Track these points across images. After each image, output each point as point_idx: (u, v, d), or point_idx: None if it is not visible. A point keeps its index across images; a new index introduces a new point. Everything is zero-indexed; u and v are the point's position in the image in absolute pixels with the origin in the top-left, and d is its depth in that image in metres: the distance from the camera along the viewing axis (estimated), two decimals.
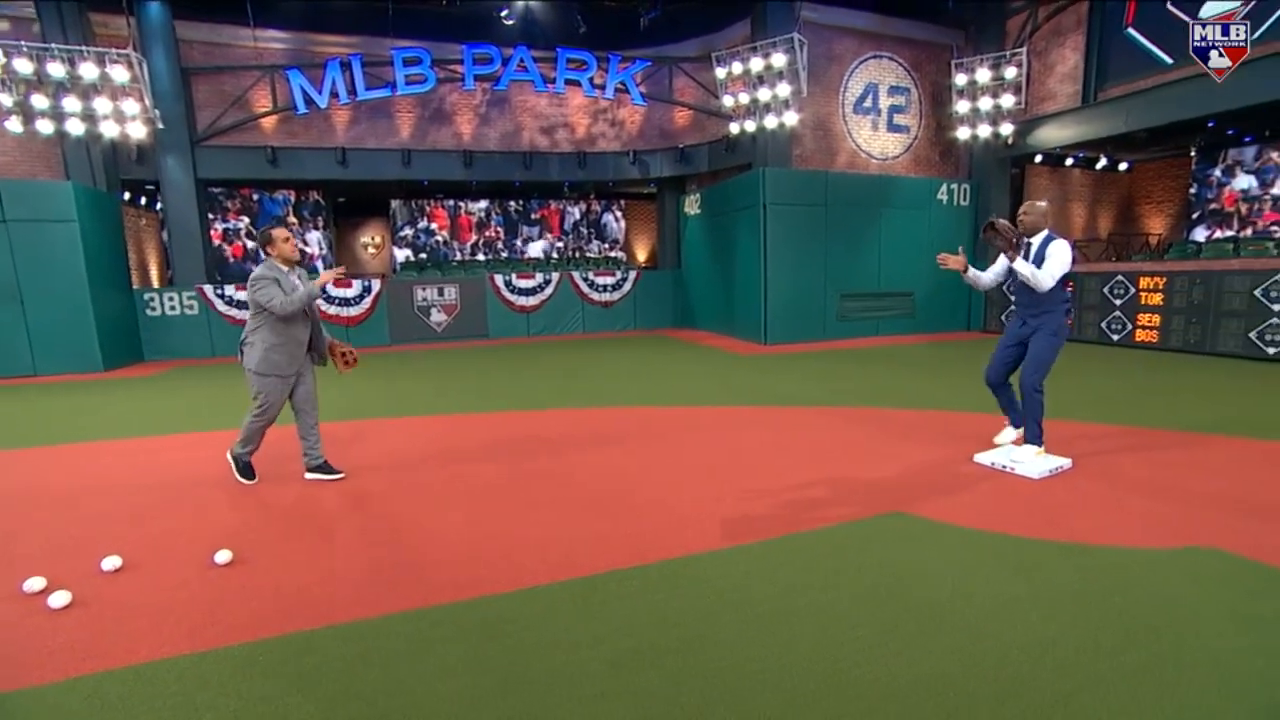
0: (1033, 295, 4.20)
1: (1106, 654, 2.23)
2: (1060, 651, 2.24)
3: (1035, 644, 2.29)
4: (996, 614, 2.49)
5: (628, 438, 5.28)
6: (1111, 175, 14.30)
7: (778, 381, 7.69)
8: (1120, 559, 2.97)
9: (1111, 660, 2.20)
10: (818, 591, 2.73)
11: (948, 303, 12.51)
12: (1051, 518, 3.46)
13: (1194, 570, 2.84)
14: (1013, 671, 2.14)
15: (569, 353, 10.75)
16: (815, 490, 3.96)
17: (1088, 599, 2.58)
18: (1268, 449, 4.61)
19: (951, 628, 2.41)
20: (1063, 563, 2.92)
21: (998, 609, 2.52)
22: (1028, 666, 2.16)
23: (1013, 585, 2.70)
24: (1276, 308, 8.06)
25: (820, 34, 11.40)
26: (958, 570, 2.87)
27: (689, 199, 13.82)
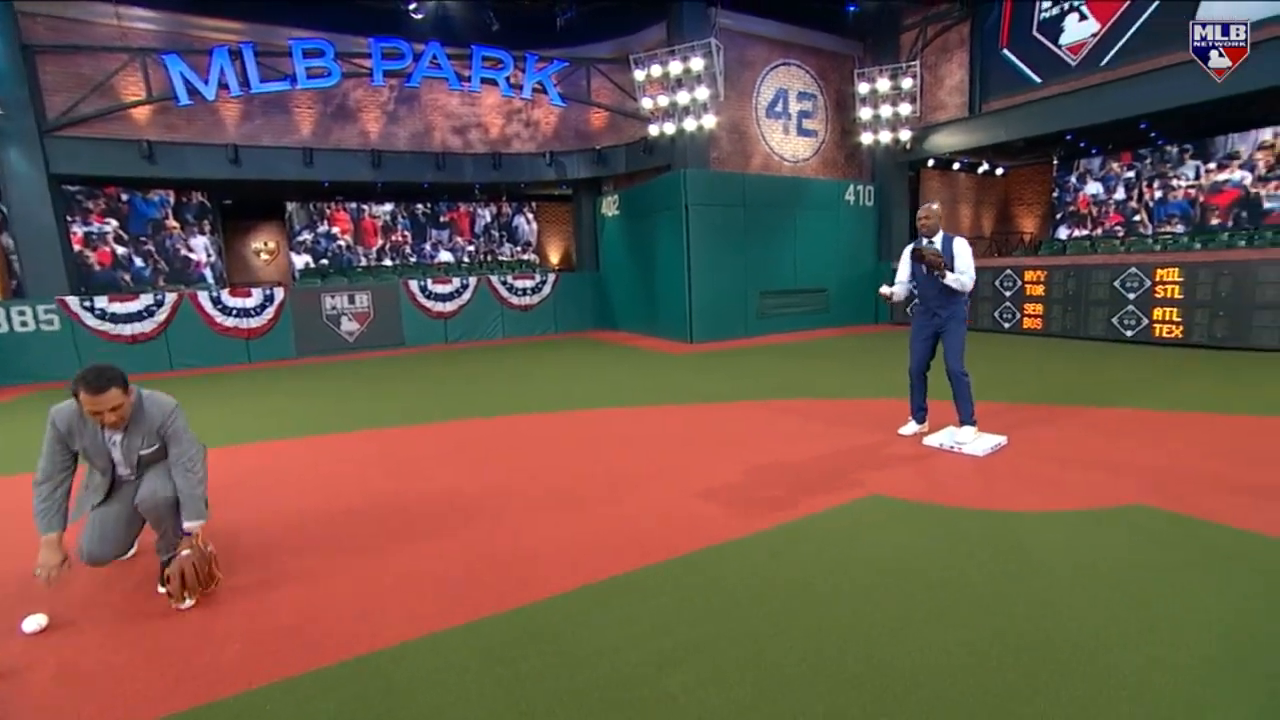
0: (940, 291, 4.53)
1: (1120, 609, 2.42)
2: (1061, 605, 2.42)
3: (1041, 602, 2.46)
4: (1001, 584, 2.65)
5: (577, 443, 5.16)
6: (991, 179, 15.74)
7: (711, 379, 7.83)
8: (1072, 521, 3.29)
9: (1131, 613, 2.39)
10: (832, 575, 2.80)
11: (857, 298, 13.26)
12: (1000, 491, 3.76)
13: (1128, 525, 3.21)
14: (1044, 636, 2.28)
15: (494, 359, 10.42)
16: (786, 480, 4.04)
17: (1066, 562, 2.81)
18: (1145, 416, 5.24)
19: (969, 600, 2.53)
20: (1022, 532, 3.17)
21: (1002, 578, 2.69)
22: (1056, 626, 2.32)
23: (1004, 558, 2.89)
24: (1131, 296, 9.16)
25: (734, 40, 11.74)
26: (947, 546, 3.04)
27: (606, 200, 13.80)
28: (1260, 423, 5.01)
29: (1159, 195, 12.76)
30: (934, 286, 4.58)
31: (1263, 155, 11.54)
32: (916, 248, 4.56)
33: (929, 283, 4.61)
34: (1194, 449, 4.39)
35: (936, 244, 4.57)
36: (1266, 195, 11.51)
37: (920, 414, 4.97)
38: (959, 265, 4.47)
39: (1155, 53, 9.30)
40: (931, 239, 4.59)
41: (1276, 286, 7.90)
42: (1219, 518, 3.26)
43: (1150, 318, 8.96)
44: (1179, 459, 4.20)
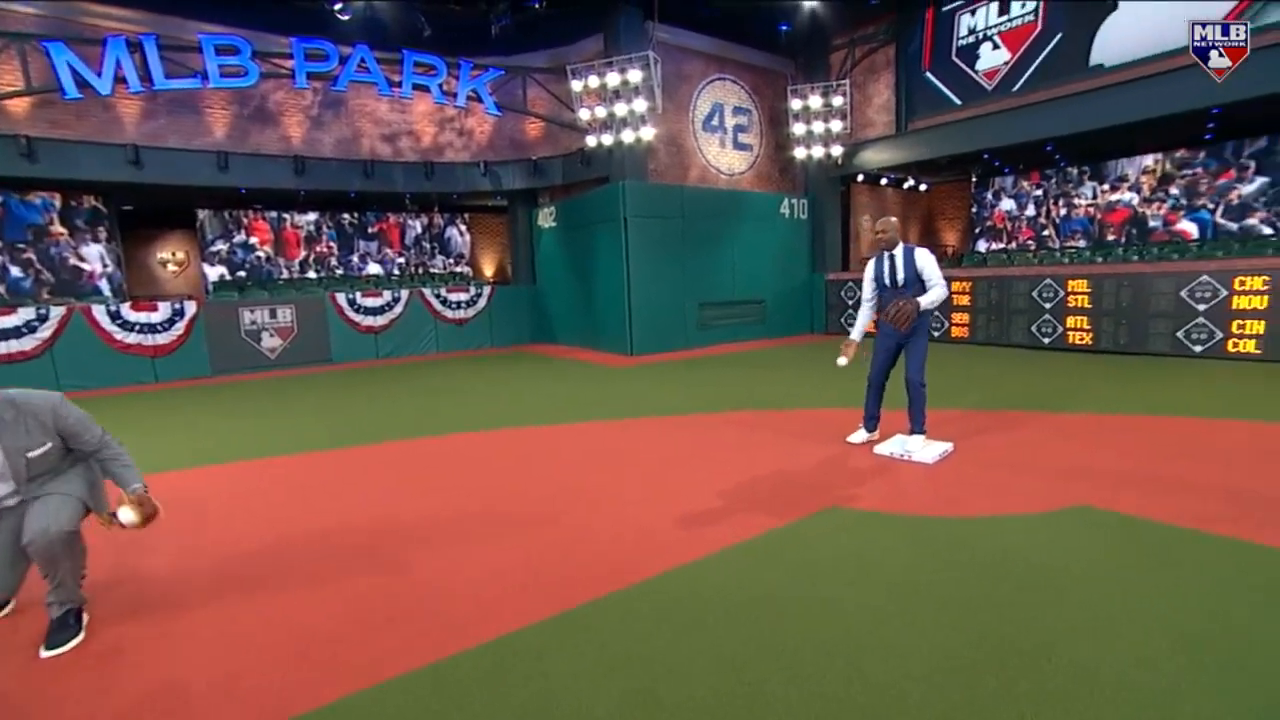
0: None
1: (1075, 606, 2.44)
2: (1027, 608, 2.41)
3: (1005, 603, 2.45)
4: (967, 589, 2.63)
5: (523, 462, 4.94)
6: (916, 194, 16.50)
7: (656, 392, 7.74)
8: (1024, 524, 3.37)
9: (1092, 600, 2.41)
10: (802, 590, 2.73)
11: (794, 309, 13.54)
12: (952, 497, 3.82)
13: (1077, 526, 3.31)
14: (1007, 635, 2.26)
15: (429, 374, 9.98)
16: (744, 494, 3.97)
17: (1025, 565, 2.83)
18: (1074, 420, 5.50)
19: (938, 607, 2.50)
20: (980, 537, 3.20)
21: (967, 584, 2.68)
22: (1023, 623, 2.30)
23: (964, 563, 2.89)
24: (1047, 306, 9.74)
25: (671, 54, 11.83)
26: (909, 555, 3.03)
27: (543, 212, 13.59)
28: (1170, 422, 5.34)
29: (1064, 212, 13.71)
30: (897, 295, 4.59)
31: (1146, 178, 12.59)
32: (880, 319, 4.57)
33: (892, 294, 4.63)
34: (1120, 450, 4.62)
35: (898, 255, 4.58)
36: (1150, 215, 12.55)
37: (872, 422, 5.01)
38: (929, 279, 4.47)
39: (1058, 82, 9.98)
40: (892, 252, 4.62)
41: (1167, 297, 8.56)
42: (1156, 515, 3.41)
43: (1064, 325, 9.54)
44: (1109, 460, 4.40)
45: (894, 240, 4.61)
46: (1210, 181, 11.84)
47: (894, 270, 4.59)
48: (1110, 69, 9.40)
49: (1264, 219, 11.33)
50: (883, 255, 4.67)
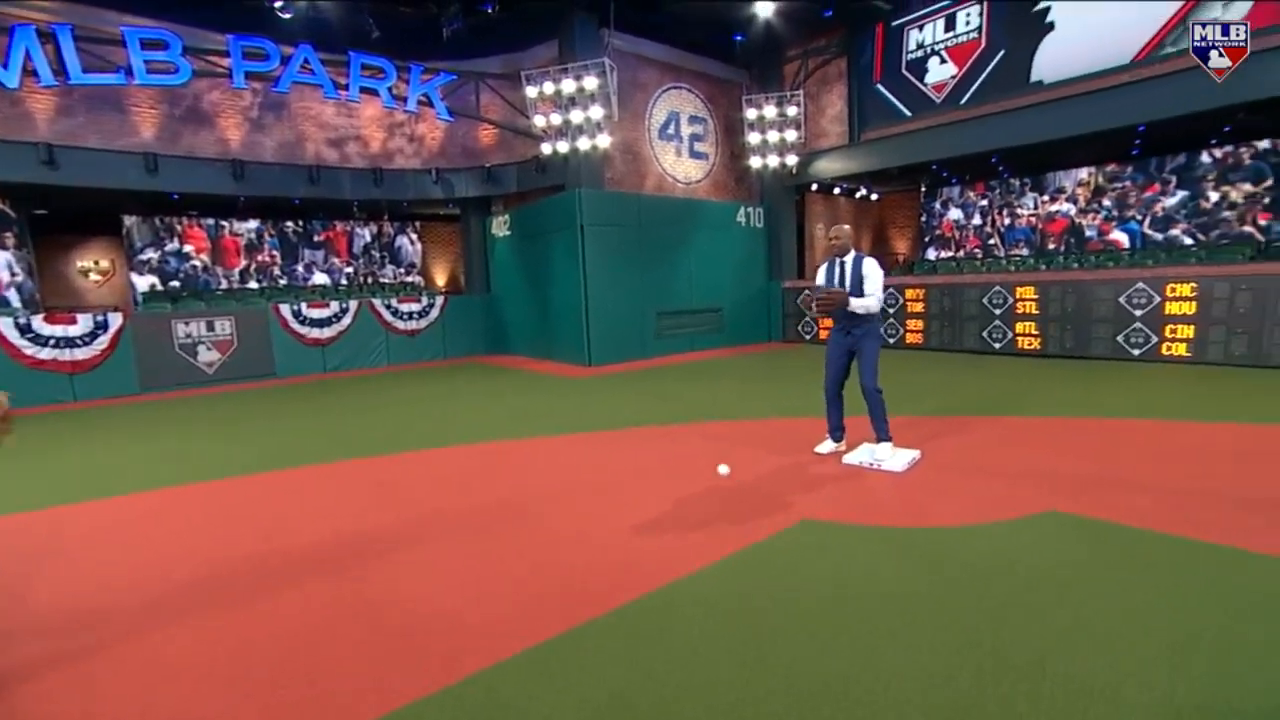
0: (850, 310, 4.55)
1: (1037, 612, 2.38)
2: (1009, 618, 2.35)
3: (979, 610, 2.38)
4: (947, 601, 2.56)
5: (482, 481, 4.71)
6: (867, 204, 16.87)
7: (617, 403, 7.58)
8: (996, 533, 3.35)
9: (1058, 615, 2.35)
10: (784, 608, 2.61)
11: (751, 317, 13.59)
12: (923, 506, 3.79)
13: (1048, 533, 3.31)
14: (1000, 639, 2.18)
15: (379, 388, 9.57)
16: (714, 509, 3.84)
17: (1001, 574, 2.78)
18: (1030, 424, 5.61)
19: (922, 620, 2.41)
20: (956, 548, 3.15)
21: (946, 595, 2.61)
22: (1006, 630, 2.23)
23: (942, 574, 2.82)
24: (997, 312, 10.02)
25: (627, 62, 11.76)
26: (887, 566, 2.96)
27: (497, 220, 13.31)
28: (1120, 424, 5.49)
29: (1008, 222, 14.22)
30: (836, 290, 4.62)
31: (1081, 190, 13.18)
32: (807, 295, 4.59)
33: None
34: (1076, 453, 4.70)
35: (848, 262, 4.62)
36: (1086, 225, 13.14)
37: (838, 433, 4.97)
38: (868, 287, 4.51)
39: (1002, 96, 10.34)
40: (843, 258, 4.65)
41: (1107, 303, 8.92)
42: (1119, 518, 3.45)
43: (1014, 331, 9.83)
44: (1067, 463, 4.47)
45: (846, 247, 4.66)
46: (1138, 194, 12.46)
47: (843, 275, 4.64)
48: (1049, 85, 9.79)
49: (1185, 230, 11.97)
50: (834, 261, 4.72)
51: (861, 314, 4.56)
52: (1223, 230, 11.58)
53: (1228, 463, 4.33)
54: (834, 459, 4.79)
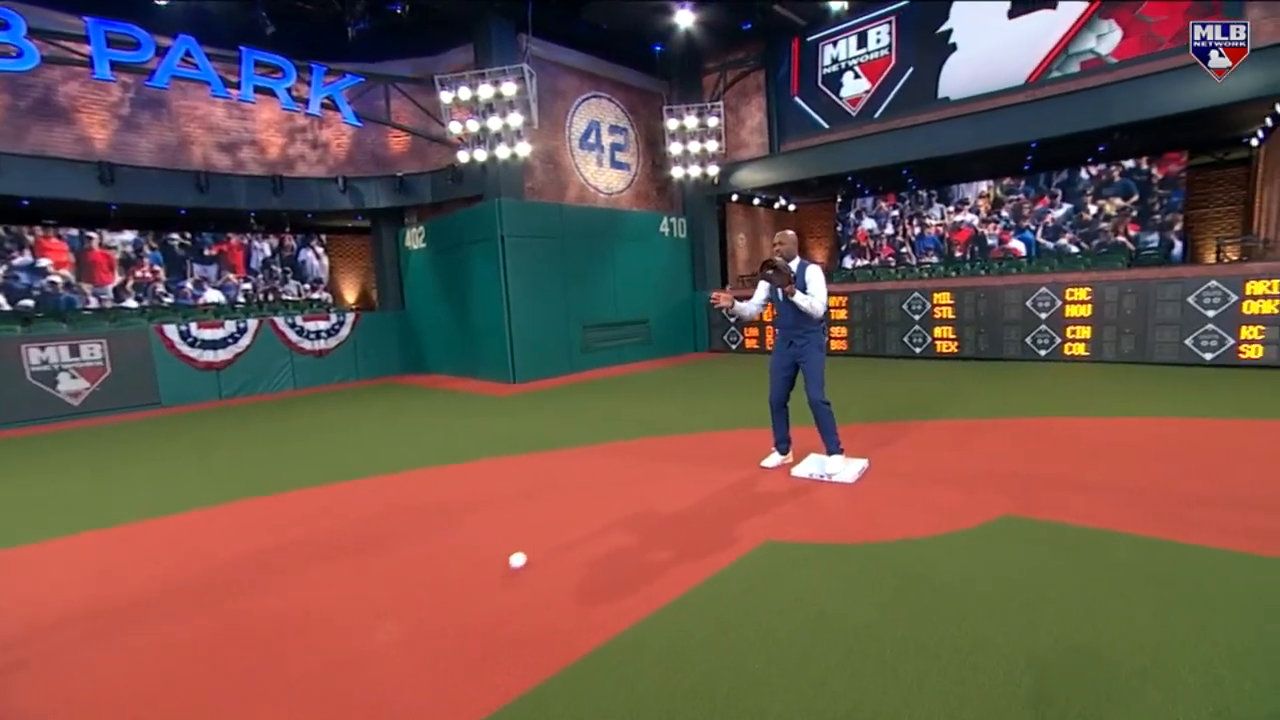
0: (798, 319, 4.47)
1: (999, 615, 2.26)
2: (991, 636, 2.21)
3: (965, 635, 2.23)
4: (923, 619, 2.40)
5: (401, 520, 4.23)
6: (786, 214, 17.27)
7: (546, 422, 7.21)
8: (958, 544, 3.27)
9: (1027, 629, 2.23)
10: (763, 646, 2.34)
11: (678, 328, 13.52)
12: (881, 518, 3.68)
13: (1009, 540, 3.25)
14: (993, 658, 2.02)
15: (284, 414, 8.72)
16: (666, 536, 3.57)
17: (970, 587, 2.66)
18: (963, 426, 5.71)
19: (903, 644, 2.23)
20: (924, 564, 3.03)
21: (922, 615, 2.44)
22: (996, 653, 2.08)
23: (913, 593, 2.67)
24: (917, 318, 10.38)
25: (546, 69, 11.45)
26: (859, 589, 2.78)
27: (411, 232, 12.62)
28: (1043, 423, 5.68)
29: (918, 231, 14.90)
30: (789, 313, 4.50)
31: (982, 202, 14.03)
32: (770, 260, 4.39)
33: (784, 307, 4.52)
34: (1012, 452, 4.78)
35: (792, 269, 4.48)
36: (988, 234, 13.97)
37: (783, 445, 4.85)
38: (811, 290, 4.42)
39: (912, 111, 10.78)
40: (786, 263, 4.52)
41: (1016, 307, 9.41)
42: (1072, 519, 3.47)
43: (933, 336, 10.20)
44: (1007, 463, 4.53)
45: (790, 253, 4.55)
46: (1030, 206, 13.37)
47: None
48: (955, 102, 10.29)
49: (1071, 239, 12.94)
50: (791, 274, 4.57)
51: (805, 324, 4.45)
52: (1101, 240, 12.58)
53: (1155, 458, 4.50)
54: (782, 472, 4.64)
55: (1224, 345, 8.08)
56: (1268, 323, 7.84)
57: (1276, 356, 7.81)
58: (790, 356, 4.61)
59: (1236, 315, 7.98)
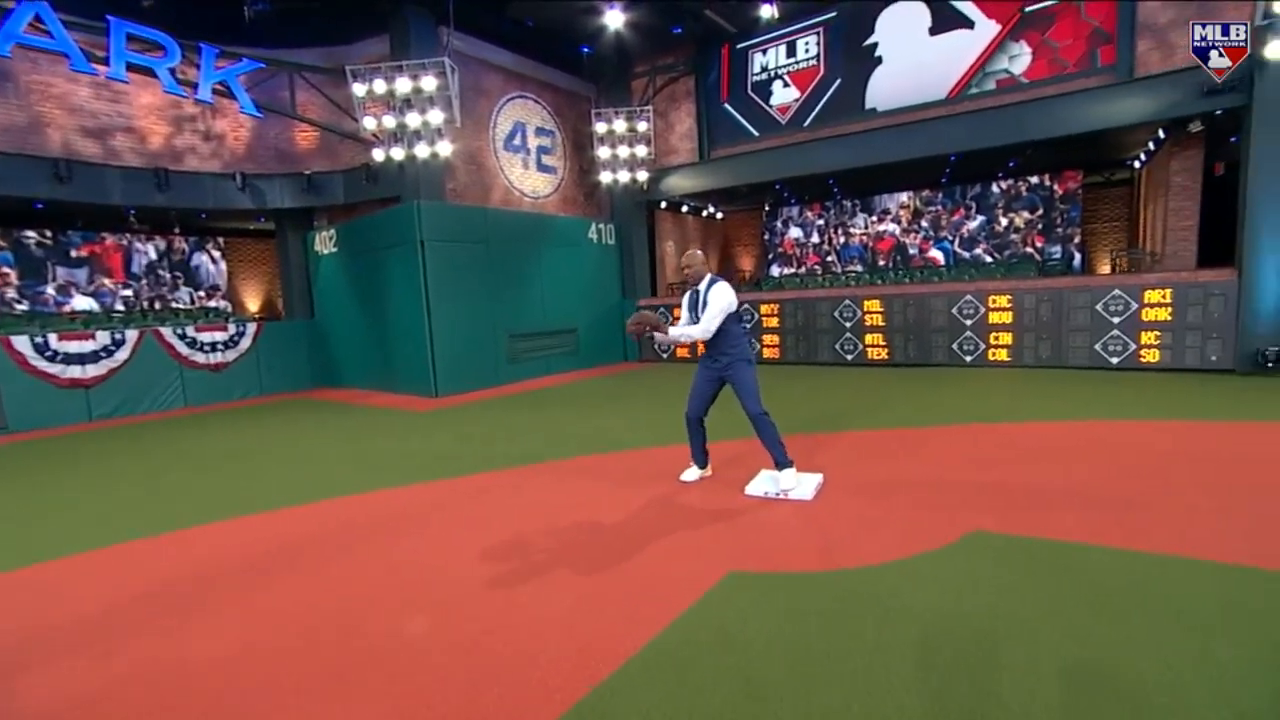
0: (717, 336, 4.28)
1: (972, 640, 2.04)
2: (987, 673, 1.98)
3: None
4: (913, 658, 2.14)
5: (307, 566, 3.64)
6: (713, 222, 17.28)
7: (472, 440, 6.66)
8: (932, 566, 3.08)
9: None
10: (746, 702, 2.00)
11: (606, 337, 13.17)
12: (847, 540, 3.45)
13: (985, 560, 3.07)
14: None
15: (170, 437, 7.70)
16: (620, 570, 3.18)
17: (955, 618, 2.44)
18: (907, 435, 5.63)
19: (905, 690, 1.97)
20: (902, 592, 2.80)
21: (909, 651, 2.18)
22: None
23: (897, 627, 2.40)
24: (848, 325, 10.50)
25: (468, 65, 10.85)
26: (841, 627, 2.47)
27: (321, 235, 11.65)
28: (982, 429, 5.70)
29: (842, 240, 15.25)
30: (649, 314, 4.39)
31: (904, 212, 14.53)
32: (635, 322, 4.30)
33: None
34: (961, 461, 4.71)
35: (702, 289, 4.31)
36: (909, 244, 14.48)
37: (701, 458, 4.69)
38: (706, 311, 4.23)
39: (840, 121, 10.96)
40: (698, 286, 4.34)
41: (943, 314, 9.67)
42: (1041, 532, 3.38)
43: (864, 343, 10.33)
44: (961, 473, 4.46)
45: (700, 274, 4.37)
46: (948, 217, 13.95)
47: (698, 303, 4.35)
48: (882, 113, 10.53)
49: (985, 249, 13.59)
50: (693, 290, 4.42)
51: (724, 340, 4.27)
52: (1013, 250, 13.27)
53: (1095, 462, 4.53)
54: (735, 491, 4.35)
55: (1127, 350, 8.56)
56: (1162, 329, 8.38)
57: (1170, 360, 8.35)
58: (715, 373, 4.40)
59: (1137, 322, 8.48)
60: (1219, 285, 8.12)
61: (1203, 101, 8.29)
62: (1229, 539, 3.17)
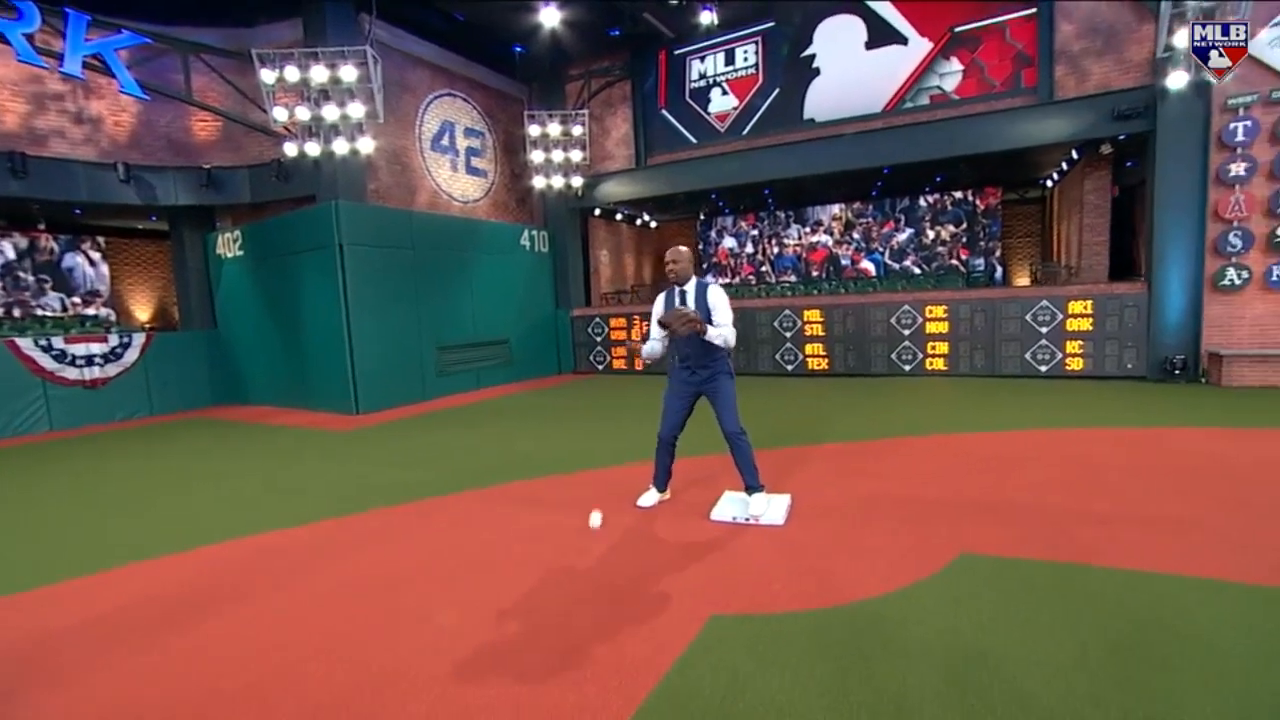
0: (703, 346, 3.85)
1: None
2: None
3: None
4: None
5: (215, 617, 2.99)
6: (648, 231, 17.06)
7: (400, 463, 6.01)
8: (925, 596, 2.83)
9: None
10: None
11: (539, 348, 12.62)
12: (828, 573, 3.14)
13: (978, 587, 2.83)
14: None
15: (25, 469, 6.56)
16: (586, 617, 2.74)
17: (961, 660, 2.16)
18: (865, 449, 5.46)
19: None
20: (899, 622, 2.51)
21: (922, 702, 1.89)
22: None
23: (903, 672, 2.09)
24: (788, 335, 10.44)
25: (392, 57, 10.11)
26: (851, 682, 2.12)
27: (224, 237, 10.54)
28: (938, 441, 5.60)
29: (776, 251, 15.34)
30: (698, 345, 3.84)
31: (836, 224, 14.78)
32: (662, 318, 3.74)
33: (693, 342, 3.85)
34: (928, 476, 4.56)
35: (690, 291, 3.88)
36: (842, 255, 14.74)
37: (663, 481, 4.28)
38: (719, 319, 3.81)
39: (779, 130, 10.94)
40: (683, 287, 3.89)
41: (882, 324, 9.77)
42: (1031, 554, 3.21)
43: (804, 353, 10.29)
44: (930, 488, 4.31)
45: (686, 273, 3.90)
46: (878, 230, 14.29)
47: (683, 304, 3.88)
48: (820, 124, 10.58)
49: (914, 261, 14.00)
50: (673, 291, 3.95)
51: (713, 351, 3.86)
52: (940, 262, 13.73)
53: (1048, 472, 4.47)
54: (699, 517, 3.98)
55: (1055, 359, 8.88)
56: (1085, 338, 8.75)
57: (1093, 368, 8.73)
58: (693, 386, 3.98)
59: (1062, 332, 8.82)
60: (1132, 297, 8.55)
61: (1114, 125, 8.74)
62: (1210, 552, 3.08)
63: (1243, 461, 4.66)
